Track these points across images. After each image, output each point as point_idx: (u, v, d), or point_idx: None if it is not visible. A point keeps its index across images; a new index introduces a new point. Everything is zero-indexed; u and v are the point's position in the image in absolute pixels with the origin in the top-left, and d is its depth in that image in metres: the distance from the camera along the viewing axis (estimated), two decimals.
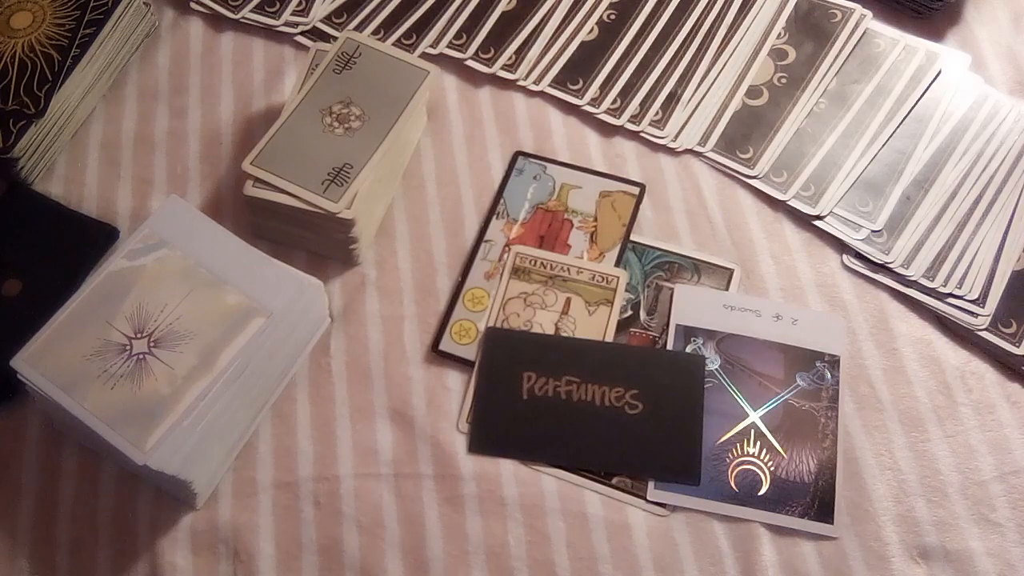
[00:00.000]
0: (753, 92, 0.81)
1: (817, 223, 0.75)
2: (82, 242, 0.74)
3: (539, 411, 0.68)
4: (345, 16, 0.86)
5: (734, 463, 0.66)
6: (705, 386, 0.68)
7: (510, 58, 0.83)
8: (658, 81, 0.82)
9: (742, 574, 0.63)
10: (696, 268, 0.74)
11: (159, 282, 0.64)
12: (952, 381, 0.69)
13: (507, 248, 0.74)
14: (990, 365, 0.70)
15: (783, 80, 0.82)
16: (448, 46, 0.84)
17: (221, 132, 0.80)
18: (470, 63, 0.83)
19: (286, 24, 0.85)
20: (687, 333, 0.70)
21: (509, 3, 0.86)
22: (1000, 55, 0.83)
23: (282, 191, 0.69)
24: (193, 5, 0.87)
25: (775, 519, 0.64)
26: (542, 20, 0.85)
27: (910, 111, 0.79)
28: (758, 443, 0.67)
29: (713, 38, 0.84)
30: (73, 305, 0.63)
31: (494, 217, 0.76)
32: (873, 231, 0.74)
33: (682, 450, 0.66)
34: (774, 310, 0.71)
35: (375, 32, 0.84)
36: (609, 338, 0.70)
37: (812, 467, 0.66)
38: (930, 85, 0.80)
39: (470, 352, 0.70)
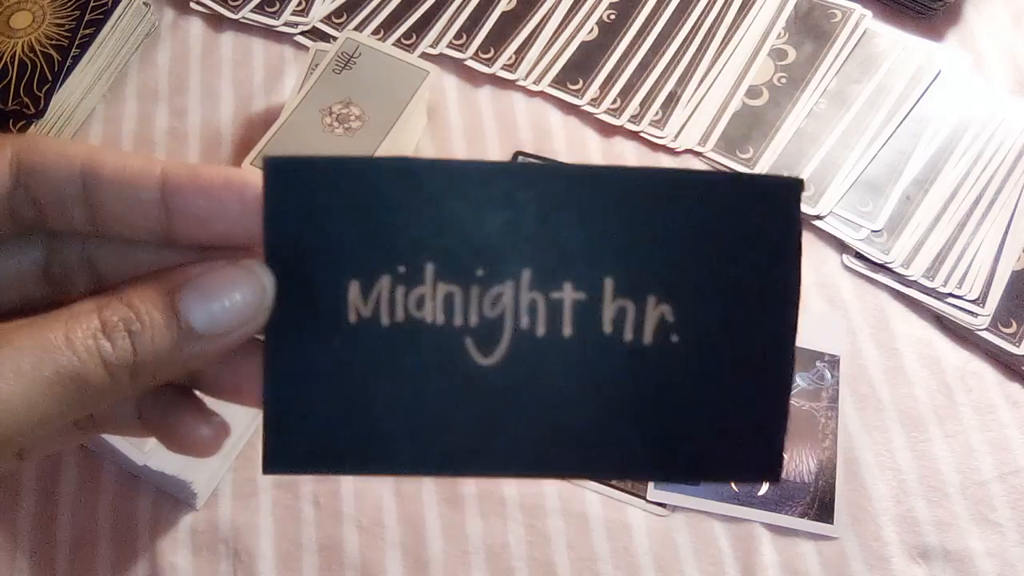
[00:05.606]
0: (753, 92, 0.81)
1: (817, 223, 0.75)
2: None
3: None
4: (345, 16, 0.86)
5: None
6: None
7: (510, 58, 0.83)
8: (658, 81, 0.82)
9: (742, 574, 0.63)
10: None
11: None
12: (952, 381, 0.69)
13: None
14: (990, 365, 0.70)
15: (783, 80, 0.82)
16: (448, 46, 0.84)
17: (221, 132, 0.80)
18: (470, 63, 0.83)
19: (286, 24, 0.85)
20: None
21: (509, 3, 0.86)
22: (1000, 55, 0.83)
23: None
24: (193, 5, 0.87)
25: (775, 519, 0.64)
26: (542, 20, 0.85)
27: (910, 111, 0.79)
28: None
29: (713, 38, 0.84)
30: None
31: None
32: (873, 231, 0.74)
33: None
34: None
35: (375, 32, 0.84)
36: None
37: (812, 467, 0.66)
38: (930, 85, 0.80)
39: None
